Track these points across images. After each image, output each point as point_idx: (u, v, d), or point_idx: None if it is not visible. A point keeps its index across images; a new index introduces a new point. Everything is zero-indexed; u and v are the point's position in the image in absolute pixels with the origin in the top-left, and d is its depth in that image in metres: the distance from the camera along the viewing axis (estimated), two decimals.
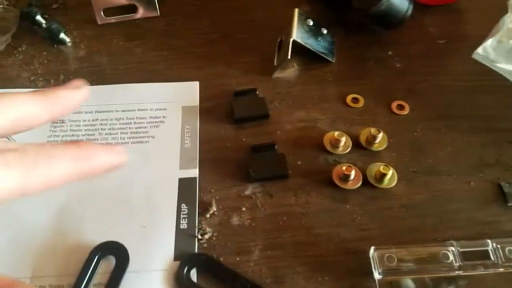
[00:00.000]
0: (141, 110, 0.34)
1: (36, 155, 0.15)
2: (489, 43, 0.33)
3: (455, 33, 0.39)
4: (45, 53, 0.38)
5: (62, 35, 0.38)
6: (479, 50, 0.33)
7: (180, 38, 0.40)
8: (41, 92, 0.18)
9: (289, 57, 0.34)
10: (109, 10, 0.40)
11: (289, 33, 0.36)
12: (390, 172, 0.29)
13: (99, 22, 0.40)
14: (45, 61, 0.38)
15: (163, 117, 0.34)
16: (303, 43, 0.35)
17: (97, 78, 0.36)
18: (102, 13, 0.40)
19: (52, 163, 0.15)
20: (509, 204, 0.28)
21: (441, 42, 0.38)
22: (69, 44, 0.39)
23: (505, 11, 0.33)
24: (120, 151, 0.18)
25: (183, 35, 0.40)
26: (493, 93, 0.34)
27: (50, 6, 0.42)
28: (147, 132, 0.33)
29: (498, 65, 0.32)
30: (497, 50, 0.33)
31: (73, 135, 0.33)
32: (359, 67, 0.37)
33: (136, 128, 0.33)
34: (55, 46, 0.39)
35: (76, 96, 0.19)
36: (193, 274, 0.25)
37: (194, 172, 0.30)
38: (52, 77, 0.36)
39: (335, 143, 0.31)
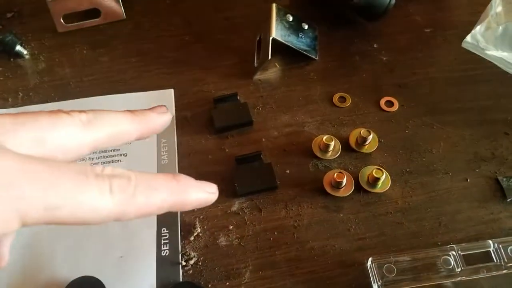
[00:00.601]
0: None
1: (138, 184, 0.16)
2: (477, 30, 0.33)
3: (442, 21, 0.38)
4: (0, 68, 0.36)
5: (18, 47, 0.36)
6: (468, 38, 0.32)
7: (150, 42, 0.38)
8: (132, 112, 0.20)
9: (269, 57, 0.33)
10: (69, 16, 0.38)
11: (268, 31, 0.34)
12: (383, 176, 0.28)
13: (59, 30, 0.38)
14: (1, 78, 0.35)
15: None
16: (283, 41, 0.34)
17: (60, 93, 0.34)
18: (61, 20, 0.37)
19: (152, 194, 0.17)
20: (508, 200, 0.28)
21: (428, 31, 0.38)
22: (27, 56, 0.36)
23: None
24: (213, 189, 0.20)
25: (153, 38, 0.38)
26: (485, 82, 0.34)
27: (4, 15, 0.40)
28: (118, 149, 0.31)
29: (488, 52, 0.32)
30: (486, 37, 0.33)
31: None
32: (344, 63, 0.36)
33: None
34: (12, 59, 0.36)
35: (162, 120, 0.21)
36: None
37: None
38: (10, 95, 0.34)
39: (324, 148, 0.30)
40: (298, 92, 0.34)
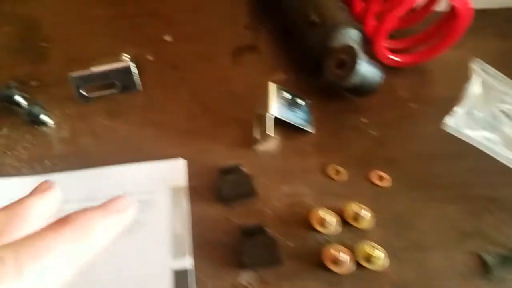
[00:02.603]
0: (129, 194, 0.34)
1: (20, 258, 0.13)
2: (456, 112, 0.34)
3: (426, 96, 0.40)
4: (27, 135, 0.37)
5: (43, 117, 0.37)
6: (448, 120, 0.34)
7: (162, 112, 0.39)
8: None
9: (272, 135, 0.35)
10: (89, 87, 0.39)
11: (267, 108, 0.36)
12: (380, 254, 0.29)
13: (80, 100, 0.39)
14: (29, 146, 0.36)
15: (152, 200, 0.33)
16: (282, 118, 0.36)
17: (82, 161, 0.35)
18: (82, 91, 0.39)
19: (43, 262, 0.14)
20: (491, 276, 0.29)
21: (413, 106, 0.40)
22: (52, 125, 0.37)
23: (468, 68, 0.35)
24: (125, 204, 0.19)
25: (165, 109, 0.39)
26: (468, 159, 0.35)
27: (28, 83, 0.41)
28: (135, 219, 0.33)
29: (468, 134, 0.34)
30: (465, 120, 0.35)
31: None
32: (337, 137, 0.37)
33: None
34: (37, 127, 0.37)
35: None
36: None
37: (188, 262, 0.29)
38: (36, 162, 0.35)
39: (323, 222, 0.31)
40: (296, 163, 0.35)
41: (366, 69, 0.34)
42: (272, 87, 0.37)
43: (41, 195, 0.18)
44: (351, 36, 0.36)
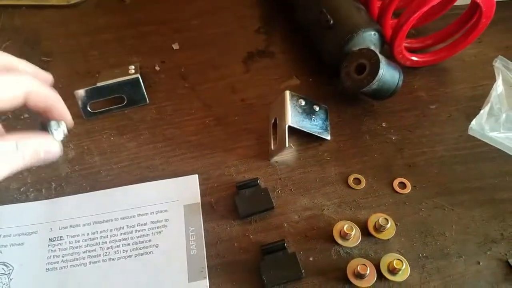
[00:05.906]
0: (141, 215, 0.34)
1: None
2: (479, 113, 0.34)
3: (446, 96, 0.41)
4: None
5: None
6: (473, 124, 0.34)
7: (174, 126, 0.40)
8: None
9: (286, 145, 0.35)
10: (95, 103, 0.39)
11: (283, 118, 0.36)
12: (403, 266, 0.30)
13: (86, 117, 0.39)
14: (34, 168, 0.37)
15: (165, 220, 0.34)
16: (298, 127, 0.36)
17: (91, 182, 0.36)
18: (88, 108, 0.39)
19: None
20: None
21: (433, 107, 0.40)
22: None
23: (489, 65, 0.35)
24: None
25: (176, 122, 0.40)
26: (490, 160, 0.36)
27: None
28: (149, 240, 0.33)
29: (491, 135, 0.33)
30: (489, 121, 0.34)
31: (73, 253, 0.32)
32: (355, 143, 0.38)
33: (138, 237, 0.33)
34: None
35: None
36: None
37: (205, 285, 0.30)
38: (43, 186, 0.36)
39: (345, 235, 0.32)
40: (314, 173, 0.36)
41: (387, 73, 0.33)
42: (288, 95, 0.36)
43: None
44: (370, 38, 0.36)
